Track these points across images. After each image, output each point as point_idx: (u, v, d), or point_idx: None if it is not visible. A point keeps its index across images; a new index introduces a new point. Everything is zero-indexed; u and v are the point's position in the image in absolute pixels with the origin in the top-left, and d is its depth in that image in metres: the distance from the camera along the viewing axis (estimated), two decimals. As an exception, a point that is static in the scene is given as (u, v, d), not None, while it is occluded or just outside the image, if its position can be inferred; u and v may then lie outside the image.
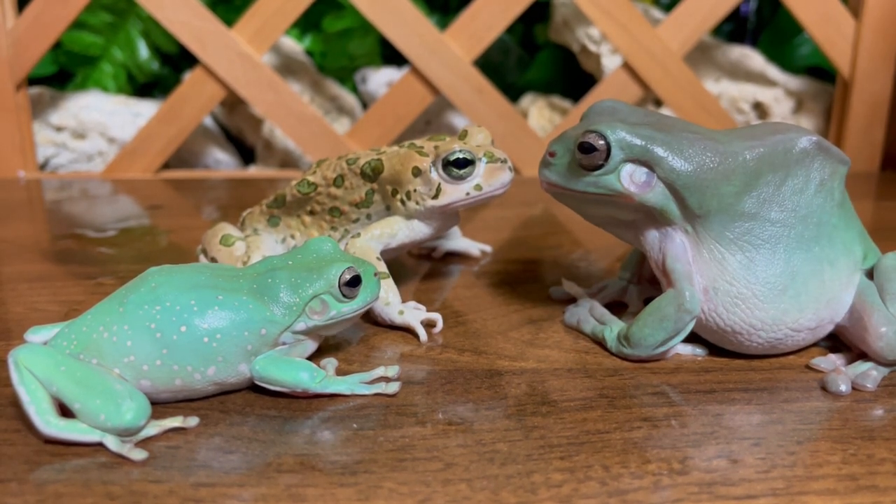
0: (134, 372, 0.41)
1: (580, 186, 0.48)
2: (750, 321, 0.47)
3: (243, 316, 0.42)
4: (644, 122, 0.48)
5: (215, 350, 0.42)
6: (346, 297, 0.45)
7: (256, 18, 0.97)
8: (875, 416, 0.43)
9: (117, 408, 0.38)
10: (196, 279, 0.44)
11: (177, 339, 0.41)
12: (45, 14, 0.94)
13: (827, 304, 0.48)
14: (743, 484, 0.37)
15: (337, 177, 0.58)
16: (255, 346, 0.43)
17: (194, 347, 0.41)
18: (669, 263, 0.48)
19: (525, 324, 0.55)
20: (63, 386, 0.39)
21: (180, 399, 0.43)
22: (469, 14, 0.98)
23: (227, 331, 0.42)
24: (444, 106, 1.14)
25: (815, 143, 0.48)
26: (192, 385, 0.42)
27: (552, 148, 0.50)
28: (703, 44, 1.15)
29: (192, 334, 0.41)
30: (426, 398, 0.45)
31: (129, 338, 0.41)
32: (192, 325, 0.41)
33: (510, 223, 0.83)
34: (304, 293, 0.44)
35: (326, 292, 0.44)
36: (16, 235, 0.76)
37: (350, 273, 0.45)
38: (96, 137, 1.08)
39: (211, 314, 0.42)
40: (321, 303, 0.44)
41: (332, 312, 0.45)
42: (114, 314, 0.42)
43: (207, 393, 0.43)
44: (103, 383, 0.40)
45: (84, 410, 0.39)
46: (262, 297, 0.44)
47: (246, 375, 0.44)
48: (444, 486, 0.36)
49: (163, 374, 0.41)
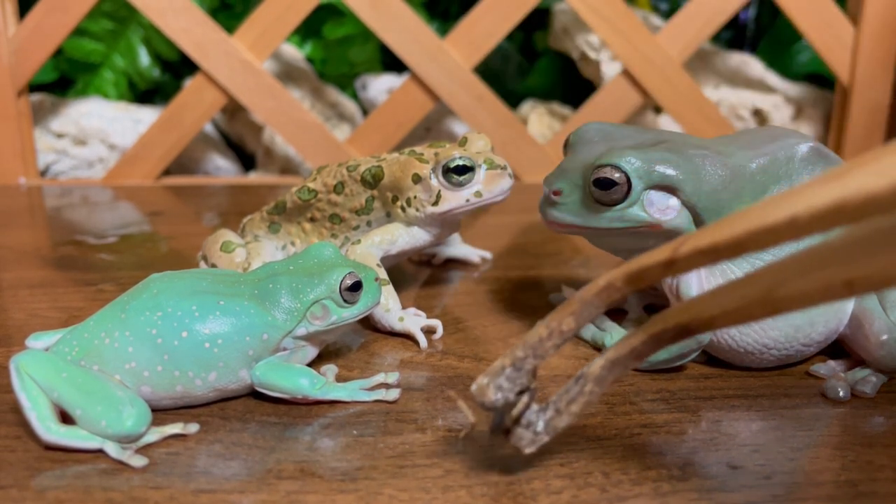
0: (135, 378, 0.41)
1: (603, 223, 0.46)
2: (763, 341, 0.47)
3: (245, 321, 0.43)
4: (649, 144, 0.47)
5: (216, 356, 0.42)
6: (346, 303, 0.45)
7: (257, 26, 0.97)
8: (875, 422, 0.44)
9: (118, 414, 0.39)
10: (198, 285, 0.44)
11: (178, 344, 0.41)
12: (47, 21, 0.95)
13: (834, 315, 0.48)
14: (743, 490, 0.37)
15: (337, 183, 0.58)
16: (257, 352, 0.43)
17: (195, 353, 0.41)
18: (684, 290, 0.47)
19: (525, 330, 0.55)
20: (64, 392, 0.39)
21: (181, 406, 0.43)
22: (469, 21, 0.99)
23: (229, 336, 0.42)
24: (444, 113, 1.14)
25: (815, 149, 0.48)
26: (194, 391, 0.42)
27: (556, 186, 0.47)
28: (702, 51, 1.15)
29: (194, 340, 0.41)
30: (426, 405, 0.45)
31: (131, 344, 0.41)
32: (194, 331, 0.41)
33: (510, 230, 0.83)
34: (306, 298, 0.44)
35: (328, 297, 0.44)
36: (16, 242, 0.76)
37: (351, 278, 0.45)
38: (97, 144, 1.08)
39: (212, 319, 0.42)
40: (322, 308, 0.44)
41: (333, 318, 0.45)
42: (115, 320, 0.42)
43: (208, 399, 0.44)
44: (104, 390, 0.40)
45: (85, 417, 0.39)
46: (263, 302, 0.44)
47: (247, 381, 0.44)
48: (444, 492, 0.36)
49: (164, 380, 0.41)
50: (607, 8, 0.99)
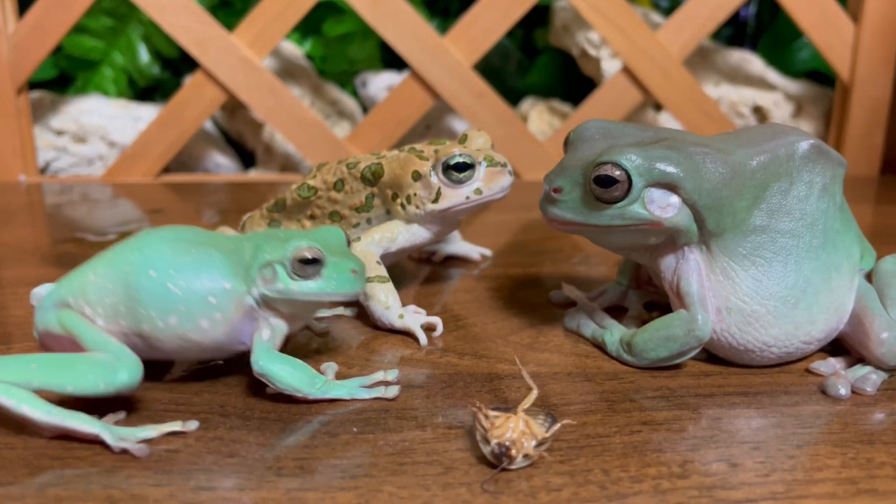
0: (113, 312, 0.43)
1: (604, 220, 0.46)
2: (763, 339, 0.47)
3: (208, 268, 0.43)
4: (650, 141, 0.47)
5: (178, 298, 0.42)
6: (297, 275, 0.44)
7: (257, 23, 0.97)
8: (875, 419, 0.44)
9: (110, 372, 0.40)
10: (183, 234, 0.45)
11: (145, 282, 0.42)
12: (46, 18, 0.95)
13: (835, 312, 0.48)
14: (742, 488, 0.37)
15: (337, 181, 0.58)
16: (219, 301, 0.43)
17: (160, 293, 0.42)
18: (684, 287, 0.47)
19: (525, 328, 0.55)
20: (44, 379, 0.39)
21: (154, 358, 0.44)
22: (469, 18, 0.99)
23: (190, 279, 0.43)
24: (444, 110, 1.14)
25: (815, 146, 0.48)
26: (157, 333, 0.43)
27: (556, 183, 0.47)
28: (702, 48, 1.15)
29: (160, 280, 0.42)
30: (426, 402, 0.45)
31: (110, 280, 0.43)
32: (160, 271, 0.43)
33: (510, 227, 0.83)
34: (261, 257, 0.44)
35: (279, 262, 0.44)
36: (16, 239, 0.76)
37: (310, 253, 0.43)
38: (97, 141, 1.08)
39: (179, 262, 0.43)
40: (272, 271, 0.44)
41: (280, 286, 0.44)
42: (102, 259, 0.44)
43: (177, 351, 0.44)
44: (84, 360, 0.41)
45: (79, 388, 0.39)
46: (232, 255, 0.44)
47: (211, 335, 0.43)
48: (444, 489, 0.36)
49: (132, 317, 0.42)
50: (607, 5, 0.98)
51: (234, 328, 0.44)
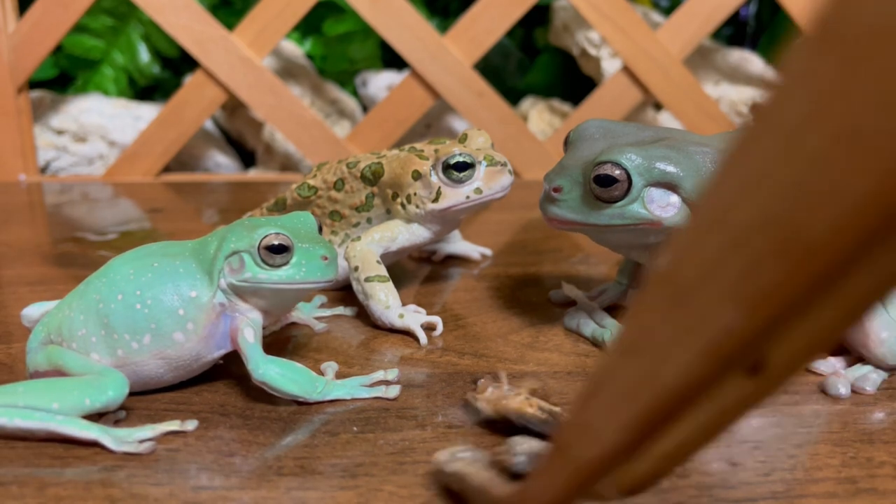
0: (86, 345, 0.42)
1: (603, 220, 0.46)
2: None
3: (172, 280, 0.43)
4: (650, 141, 0.47)
5: (147, 316, 0.42)
6: (265, 263, 0.43)
7: (257, 22, 0.97)
8: (875, 419, 0.44)
9: (97, 388, 0.39)
10: (146, 251, 0.45)
11: (114, 307, 0.42)
12: (46, 18, 0.95)
13: None
14: (742, 487, 0.37)
15: (337, 180, 0.58)
16: (189, 312, 0.43)
17: (129, 315, 0.42)
18: None
19: (525, 327, 0.55)
20: (30, 400, 0.39)
21: (136, 380, 0.43)
22: (469, 18, 0.99)
23: (156, 296, 0.42)
24: (444, 109, 1.14)
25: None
26: (133, 356, 0.42)
27: (556, 183, 0.47)
28: (702, 47, 1.15)
29: (126, 302, 0.42)
30: (426, 401, 0.45)
31: (82, 312, 0.43)
32: (126, 293, 0.42)
33: (510, 226, 0.83)
34: (226, 247, 0.43)
35: (246, 251, 0.43)
36: (16, 239, 0.76)
37: (277, 239, 0.43)
38: (97, 141, 1.08)
39: (143, 280, 0.43)
40: (239, 260, 0.43)
41: (248, 274, 0.43)
42: (76, 293, 0.44)
43: (158, 372, 0.43)
44: (70, 380, 0.41)
45: (65, 407, 0.39)
46: (196, 258, 0.44)
47: (187, 346, 0.43)
48: (445, 489, 0.36)
49: (106, 345, 0.42)
50: (608, 4, 0.98)
51: (209, 334, 0.43)
